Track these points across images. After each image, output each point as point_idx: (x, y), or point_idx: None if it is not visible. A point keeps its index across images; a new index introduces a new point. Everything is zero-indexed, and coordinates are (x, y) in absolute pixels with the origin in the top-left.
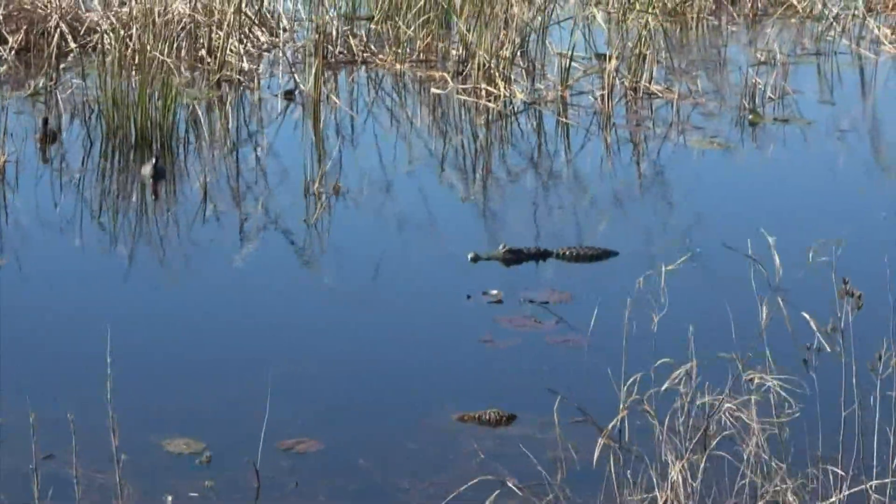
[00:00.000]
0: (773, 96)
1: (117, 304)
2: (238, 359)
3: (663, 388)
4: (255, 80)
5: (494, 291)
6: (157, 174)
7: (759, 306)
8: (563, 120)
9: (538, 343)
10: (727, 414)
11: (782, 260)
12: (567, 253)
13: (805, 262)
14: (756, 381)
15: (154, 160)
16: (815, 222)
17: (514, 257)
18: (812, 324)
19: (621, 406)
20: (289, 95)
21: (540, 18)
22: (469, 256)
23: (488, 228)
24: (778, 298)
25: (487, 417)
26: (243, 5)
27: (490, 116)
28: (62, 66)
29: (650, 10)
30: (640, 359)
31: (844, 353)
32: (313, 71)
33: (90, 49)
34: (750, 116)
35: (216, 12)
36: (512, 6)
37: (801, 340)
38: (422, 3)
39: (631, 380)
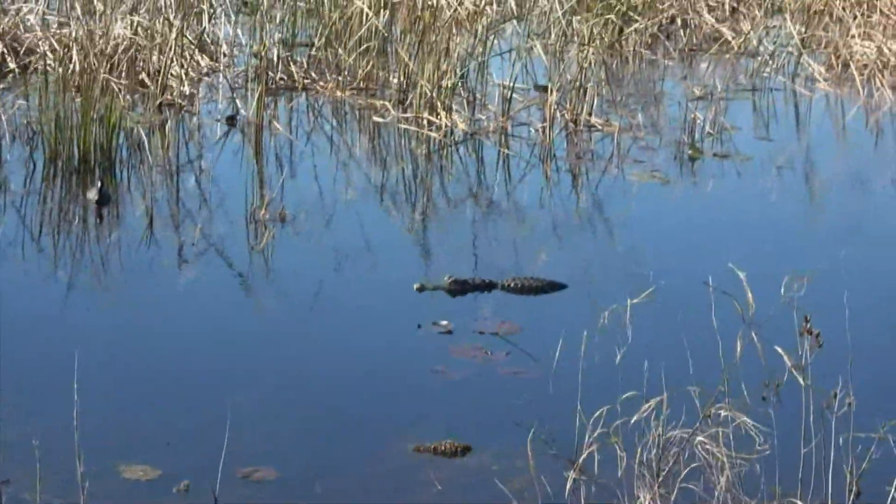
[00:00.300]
0: (711, 131)
1: (61, 330)
2: (189, 387)
3: (633, 419)
4: (196, 105)
5: (444, 322)
6: (103, 199)
7: (718, 339)
8: (505, 151)
9: (490, 374)
10: (699, 447)
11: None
12: (512, 284)
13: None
14: (724, 414)
15: (99, 184)
16: (758, 256)
17: (460, 288)
18: (786, 358)
19: (588, 438)
20: (230, 121)
21: (481, 49)
22: (415, 286)
23: (431, 258)
24: (752, 333)
25: (443, 448)
26: (185, 30)
27: (431, 146)
28: (1, 86)
29: (590, 44)
30: (595, 391)
31: (804, 391)
32: (255, 97)
33: (30, 70)
34: (689, 151)
35: (157, 36)
36: (453, 36)
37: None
38: (362, 31)
39: (598, 412)
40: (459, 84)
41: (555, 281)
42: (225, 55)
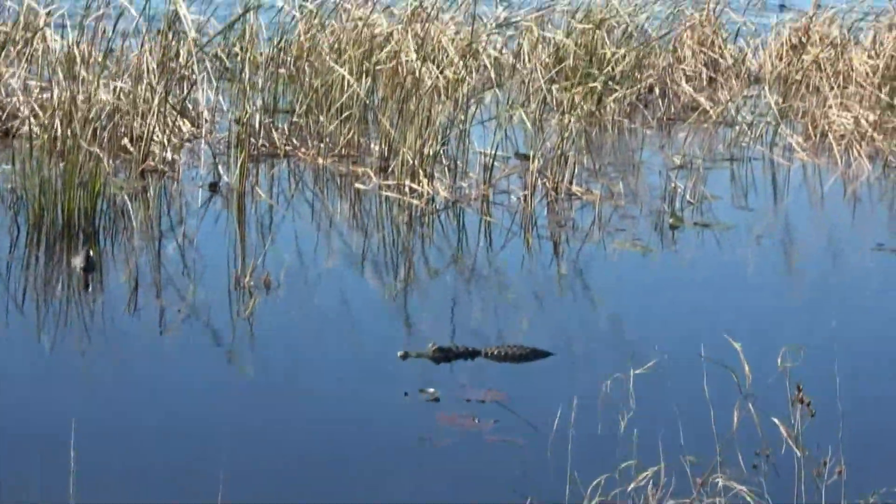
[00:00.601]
0: (691, 200)
1: (46, 399)
2: (171, 458)
3: (629, 488)
4: (178, 171)
5: (431, 390)
6: (89, 266)
7: (711, 409)
8: (487, 219)
9: (479, 442)
10: None
11: (725, 365)
12: (496, 352)
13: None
14: (721, 484)
15: (86, 252)
16: (743, 326)
17: (444, 356)
18: (782, 429)
19: None
20: (213, 187)
21: (462, 117)
22: (399, 354)
23: (414, 326)
24: (749, 404)
25: None
26: (167, 96)
27: (413, 213)
28: None
29: (571, 112)
30: (588, 460)
31: (797, 460)
32: (238, 164)
33: (12, 134)
34: (671, 220)
35: (140, 102)
36: (434, 104)
37: (755, 446)
38: (344, 98)
39: (596, 481)
40: (441, 152)
41: (538, 349)
42: (207, 121)
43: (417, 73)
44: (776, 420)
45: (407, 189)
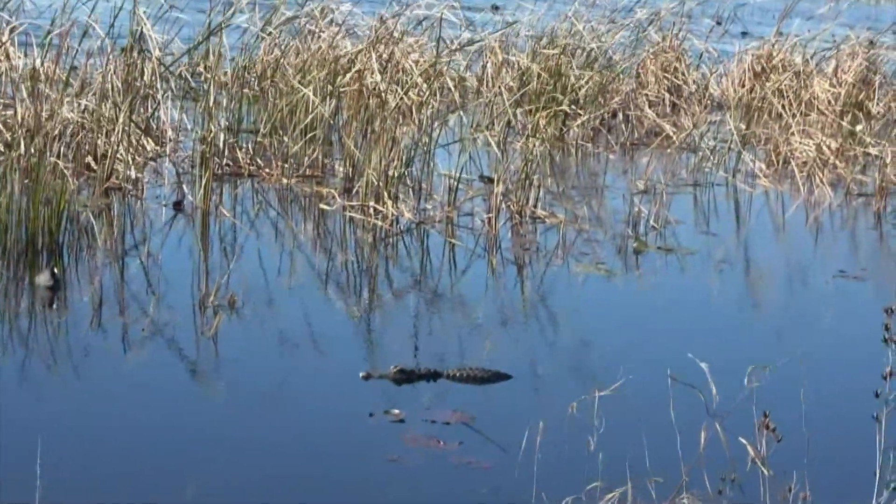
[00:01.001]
0: (655, 225)
1: (9, 421)
2: (135, 479)
3: None
4: (142, 189)
5: (396, 411)
6: (56, 284)
7: (676, 431)
8: (451, 240)
9: (445, 463)
10: None
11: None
12: (458, 374)
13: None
14: None
15: (51, 269)
16: (705, 349)
17: (405, 377)
18: (750, 451)
19: None
20: (177, 206)
21: (426, 139)
22: (361, 375)
23: (377, 347)
24: (716, 424)
25: None
26: (131, 114)
27: (378, 234)
28: None
29: (536, 136)
30: (554, 482)
31: (762, 483)
32: (203, 183)
33: None
34: (634, 244)
35: (104, 120)
36: (400, 125)
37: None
38: (308, 119)
39: (564, 502)
40: (405, 173)
41: (500, 371)
42: (171, 140)
43: (382, 95)
44: (743, 440)
45: (371, 210)
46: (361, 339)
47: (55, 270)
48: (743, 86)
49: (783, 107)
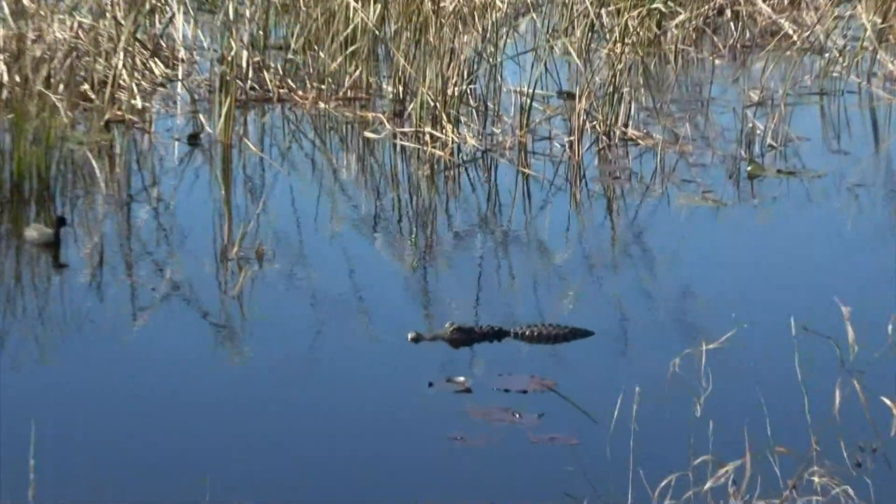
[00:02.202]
0: (773, 143)
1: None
2: (156, 463)
3: (706, 488)
4: (150, 122)
5: (461, 378)
6: (58, 229)
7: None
8: (524, 171)
9: (522, 441)
10: None
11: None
12: (528, 332)
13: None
14: (817, 482)
15: (56, 219)
16: (842, 292)
17: (464, 337)
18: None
19: None
20: (193, 140)
21: (492, 50)
22: (409, 336)
23: (434, 303)
24: (853, 381)
25: None
26: (135, 32)
27: (435, 166)
28: None
29: (624, 41)
30: (655, 458)
31: None
32: (222, 111)
33: None
34: (748, 168)
35: (102, 40)
36: (458, 34)
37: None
38: (348, 30)
39: (665, 481)
40: (468, 92)
41: (577, 327)
42: (184, 61)
43: None
44: (887, 401)
45: (427, 137)
46: (416, 294)
47: (57, 219)
48: None
49: None
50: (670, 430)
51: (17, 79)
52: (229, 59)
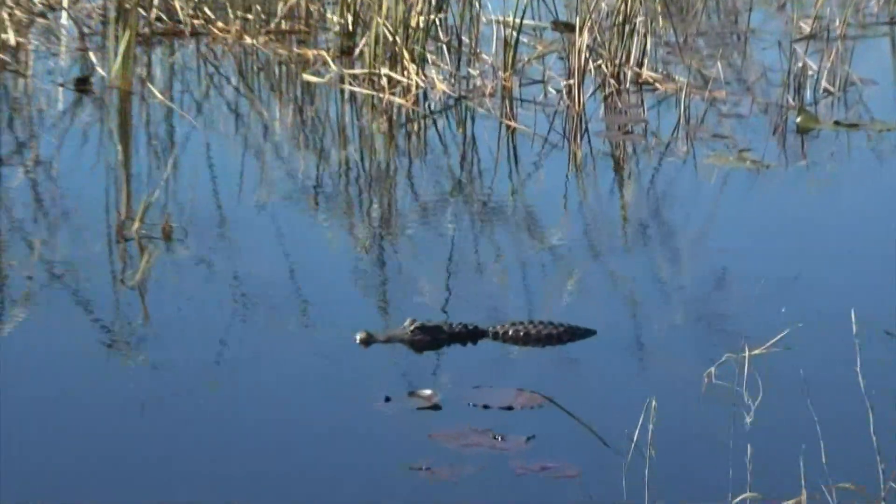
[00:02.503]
0: (829, 88)
1: None
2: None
3: None
4: (27, 62)
5: (426, 392)
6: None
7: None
8: (509, 125)
9: (504, 472)
10: None
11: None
12: (512, 332)
13: None
14: None
15: None
16: None
17: (430, 338)
18: None
19: None
20: (81, 85)
21: None
22: (357, 337)
23: (390, 294)
24: None
25: None
26: None
27: (395, 119)
28: None
29: None
30: (677, 493)
31: None
32: (119, 49)
33: None
34: (798, 120)
35: None
36: None
37: None
38: None
39: None
40: (436, 23)
41: (576, 326)
42: None
43: None
44: None
45: (384, 82)
46: (368, 283)
47: None
48: None
49: None
50: (699, 458)
51: None
52: None
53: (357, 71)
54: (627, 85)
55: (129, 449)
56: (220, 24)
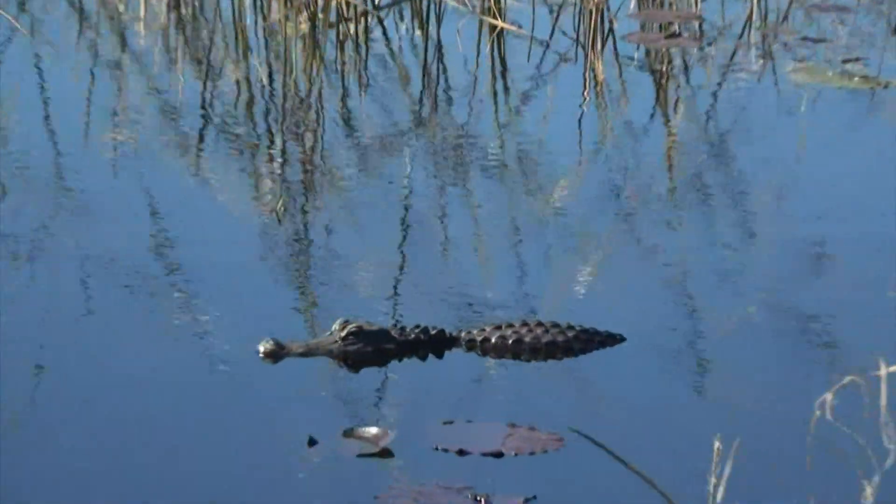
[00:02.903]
0: None
1: None
2: None
3: None
4: None
5: (373, 430)
6: None
7: None
8: (494, 22)
9: None
10: None
11: None
12: (495, 339)
13: None
14: None
15: None
16: None
17: (369, 348)
18: None
19: None
20: None
21: None
22: (261, 348)
23: (309, 284)
24: None
25: None
26: None
27: (320, 17)
28: None
29: None
30: None
31: None
32: None
33: None
34: None
35: None
36: None
37: None
38: None
39: None
40: None
41: (594, 329)
42: None
43: None
44: None
45: None
46: (277, 266)
47: None
48: None
49: None
50: None
51: None
52: None
53: None
54: None
55: None
56: None
